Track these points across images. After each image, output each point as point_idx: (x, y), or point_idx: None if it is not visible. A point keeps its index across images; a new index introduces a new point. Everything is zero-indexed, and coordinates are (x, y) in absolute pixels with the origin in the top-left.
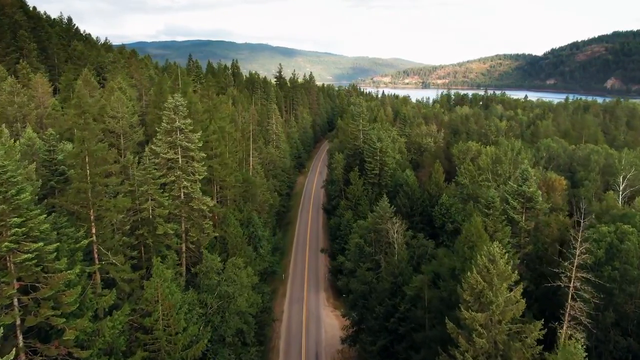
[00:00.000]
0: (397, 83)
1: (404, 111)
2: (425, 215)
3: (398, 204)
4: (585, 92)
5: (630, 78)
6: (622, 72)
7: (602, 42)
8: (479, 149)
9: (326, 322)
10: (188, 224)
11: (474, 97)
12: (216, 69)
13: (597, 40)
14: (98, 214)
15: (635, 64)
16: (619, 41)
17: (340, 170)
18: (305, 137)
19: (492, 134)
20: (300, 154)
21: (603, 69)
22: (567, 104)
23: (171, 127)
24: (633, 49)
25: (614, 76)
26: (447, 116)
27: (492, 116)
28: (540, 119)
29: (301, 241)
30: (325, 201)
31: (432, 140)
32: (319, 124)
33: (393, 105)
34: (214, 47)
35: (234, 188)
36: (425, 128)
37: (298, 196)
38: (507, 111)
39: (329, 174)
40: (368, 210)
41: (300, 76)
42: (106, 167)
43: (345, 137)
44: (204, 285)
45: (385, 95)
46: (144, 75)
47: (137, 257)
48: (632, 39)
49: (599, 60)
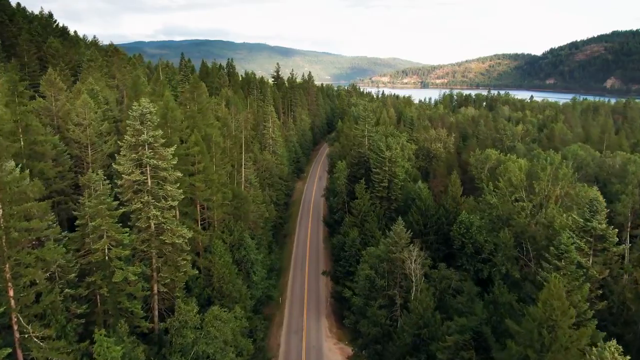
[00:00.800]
0: (395, 83)
1: (409, 113)
2: (441, 234)
3: (410, 220)
4: (585, 91)
5: (630, 77)
6: (622, 71)
7: (602, 41)
8: (499, 157)
9: (329, 357)
10: (159, 262)
11: (477, 98)
12: (210, 69)
13: (597, 40)
14: (15, 272)
15: (635, 64)
16: (618, 41)
17: (342, 180)
18: (304, 140)
19: (507, 139)
20: (298, 158)
21: (602, 68)
22: (575, 104)
23: (137, 141)
24: (633, 48)
25: (614, 76)
26: (452, 118)
27: (499, 118)
28: (552, 121)
29: (300, 258)
30: (327, 213)
31: (442, 145)
32: (318, 126)
33: (395, 107)
34: (212, 47)
35: (222, 207)
36: (434, 132)
37: (297, 204)
38: (515, 113)
39: (329, 181)
40: (376, 229)
41: (298, 76)
42: (27, 205)
43: (348, 142)
44: (176, 345)
45: (386, 96)
46: (127, 75)
47: (87, 312)
48: (631, 38)
49: (599, 60)
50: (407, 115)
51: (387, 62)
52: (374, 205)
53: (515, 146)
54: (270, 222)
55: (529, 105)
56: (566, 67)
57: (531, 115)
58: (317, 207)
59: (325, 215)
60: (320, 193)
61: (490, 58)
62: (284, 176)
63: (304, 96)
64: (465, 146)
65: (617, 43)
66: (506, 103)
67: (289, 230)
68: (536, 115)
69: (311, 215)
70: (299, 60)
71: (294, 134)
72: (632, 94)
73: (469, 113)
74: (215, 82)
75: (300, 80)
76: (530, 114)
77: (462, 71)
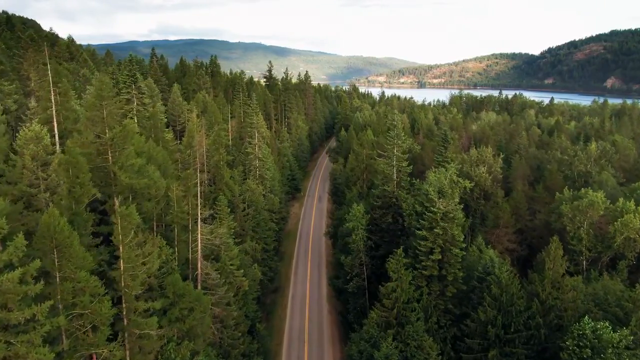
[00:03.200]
0: (392, 82)
1: (424, 121)
2: (536, 342)
3: (480, 318)
4: (585, 91)
5: (630, 77)
6: (622, 71)
7: (601, 41)
8: (607, 207)
9: None
10: None
11: (490, 99)
12: (192, 67)
13: (595, 39)
14: None
15: (635, 63)
16: (618, 40)
17: (360, 234)
18: (301, 151)
19: (580, 164)
20: (294, 176)
21: (602, 68)
22: (627, 108)
23: None
24: (632, 47)
25: (614, 75)
26: (474, 125)
27: (532, 126)
28: (600, 129)
29: (295, 340)
30: (334, 269)
31: (486, 169)
32: (316, 132)
33: (403, 110)
34: (207, 46)
35: (149, 341)
36: (475, 151)
37: (291, 239)
38: (547, 118)
39: (334, 217)
40: (425, 335)
41: (294, 76)
42: None
43: (359, 164)
44: None
45: (389, 97)
46: (42, 72)
47: None
48: (630, 37)
49: (598, 59)
50: (422, 123)
51: (383, 61)
52: (419, 292)
53: (592, 176)
54: (253, 297)
55: (558, 109)
56: (565, 66)
57: (563, 121)
58: (318, 246)
59: (332, 276)
60: (321, 219)
61: (488, 57)
62: (275, 208)
63: (300, 99)
64: (510, 169)
65: (617, 42)
66: (524, 105)
67: (281, 282)
68: (570, 121)
69: (310, 260)
70: (294, 60)
71: (288, 146)
72: (633, 94)
73: (491, 118)
74: (192, 84)
75: (296, 81)
76: (562, 119)
77: (460, 71)
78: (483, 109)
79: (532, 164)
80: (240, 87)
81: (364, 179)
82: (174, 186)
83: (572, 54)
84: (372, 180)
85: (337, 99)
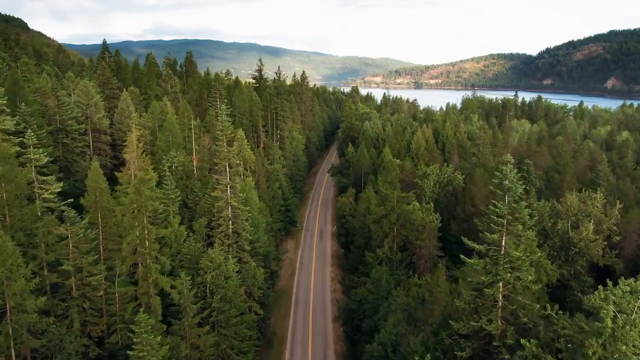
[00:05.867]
0: (388, 83)
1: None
2: None
3: None
4: (585, 92)
5: (631, 78)
6: (622, 71)
7: (600, 41)
8: None
9: None
10: None
11: (507, 102)
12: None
13: (594, 40)
14: None
15: (635, 64)
16: (617, 40)
17: None
18: (297, 169)
19: None
20: (288, 205)
21: (602, 68)
22: None
23: None
24: (632, 48)
25: (614, 76)
26: (513, 139)
27: (585, 140)
28: None
29: None
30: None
31: (593, 224)
32: (314, 142)
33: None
34: (201, 47)
35: None
36: (575, 197)
37: (284, 305)
38: (596, 129)
39: (340, 258)
40: None
41: (288, 77)
42: None
43: (387, 214)
44: None
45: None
46: None
47: None
48: (630, 37)
49: (597, 60)
50: (448, 136)
51: (379, 62)
52: None
53: None
54: None
55: (602, 115)
56: (564, 67)
57: (608, 133)
58: (323, 311)
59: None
60: (324, 267)
61: (485, 58)
62: (258, 283)
63: (295, 104)
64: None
65: (616, 43)
66: (548, 110)
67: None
68: (617, 132)
69: (312, 349)
70: (289, 60)
71: (280, 167)
72: (634, 95)
73: (526, 128)
74: (154, 88)
75: (291, 82)
76: (604, 130)
77: (457, 71)
78: (506, 115)
79: (625, 202)
80: (218, 92)
81: (394, 234)
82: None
83: (570, 54)
84: (406, 236)
85: (336, 101)
